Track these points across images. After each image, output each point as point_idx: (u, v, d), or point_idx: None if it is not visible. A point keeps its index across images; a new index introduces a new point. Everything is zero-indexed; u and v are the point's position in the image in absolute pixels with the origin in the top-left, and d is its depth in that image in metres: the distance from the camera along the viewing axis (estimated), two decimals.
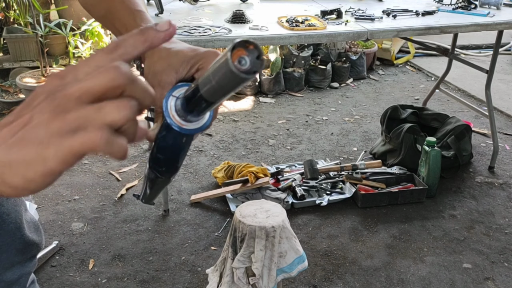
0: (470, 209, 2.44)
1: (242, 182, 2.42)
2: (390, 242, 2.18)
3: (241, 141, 3.11)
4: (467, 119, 3.25)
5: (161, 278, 1.93)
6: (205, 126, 0.51)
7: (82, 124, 0.34)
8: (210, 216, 2.32)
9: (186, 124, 0.49)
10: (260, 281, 1.51)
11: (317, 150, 3.01)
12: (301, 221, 2.30)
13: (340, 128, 3.33)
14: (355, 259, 2.07)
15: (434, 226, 2.30)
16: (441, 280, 1.96)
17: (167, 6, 2.40)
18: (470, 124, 2.94)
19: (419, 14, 2.47)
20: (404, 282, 1.95)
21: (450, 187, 2.63)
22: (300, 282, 1.92)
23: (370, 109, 3.68)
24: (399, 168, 2.64)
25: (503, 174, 2.78)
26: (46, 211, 2.27)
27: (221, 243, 2.12)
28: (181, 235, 2.19)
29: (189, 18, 2.28)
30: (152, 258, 2.04)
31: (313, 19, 2.32)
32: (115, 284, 1.90)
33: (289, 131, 3.27)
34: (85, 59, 0.37)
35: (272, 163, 2.81)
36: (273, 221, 1.53)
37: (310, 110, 3.65)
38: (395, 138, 2.72)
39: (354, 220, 2.32)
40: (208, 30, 2.10)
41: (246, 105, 3.71)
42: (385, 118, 2.86)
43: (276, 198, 2.35)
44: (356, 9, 2.51)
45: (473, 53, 4.85)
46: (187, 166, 2.77)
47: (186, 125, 0.49)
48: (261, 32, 2.14)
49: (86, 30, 3.75)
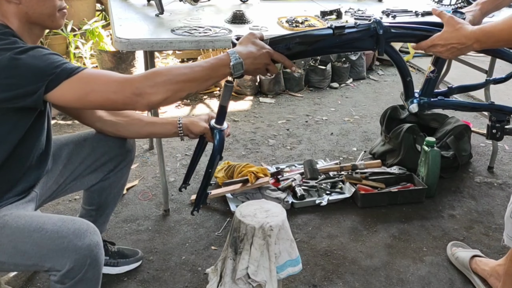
0: (470, 209, 2.45)
1: (242, 182, 2.43)
2: (390, 242, 2.19)
3: (241, 141, 3.12)
4: (467, 119, 3.25)
5: (162, 278, 1.94)
6: (226, 127, 1.58)
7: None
8: (210, 216, 2.32)
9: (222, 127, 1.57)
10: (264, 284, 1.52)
11: (317, 150, 3.02)
12: (301, 221, 2.31)
13: (339, 128, 3.34)
14: (354, 258, 2.07)
15: (433, 226, 2.30)
16: (440, 280, 1.97)
17: (167, 7, 2.41)
18: (469, 124, 2.95)
19: (419, 14, 2.48)
20: (403, 281, 1.95)
21: (449, 187, 2.63)
22: (300, 282, 1.92)
23: (369, 109, 3.69)
24: (398, 168, 2.65)
25: (502, 174, 2.78)
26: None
27: (221, 242, 2.13)
28: (182, 234, 2.20)
29: (189, 19, 2.29)
30: (153, 257, 2.05)
31: (313, 19, 2.32)
32: (115, 284, 1.90)
33: (289, 131, 3.27)
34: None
35: (272, 163, 2.81)
36: (271, 220, 1.53)
37: (310, 110, 3.65)
38: (394, 138, 2.73)
39: (354, 220, 2.33)
40: (208, 31, 2.11)
41: (246, 105, 3.72)
42: (385, 118, 2.87)
43: (276, 198, 2.36)
44: (356, 10, 2.52)
45: (472, 54, 4.85)
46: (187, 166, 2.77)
47: (222, 127, 1.57)
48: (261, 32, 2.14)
49: (86, 30, 3.75)
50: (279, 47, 1.42)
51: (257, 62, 1.34)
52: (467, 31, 1.45)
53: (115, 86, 1.25)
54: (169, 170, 2.72)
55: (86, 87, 1.26)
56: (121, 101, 1.26)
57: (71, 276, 1.28)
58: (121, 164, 1.76)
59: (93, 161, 1.69)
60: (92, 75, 1.28)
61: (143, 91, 1.24)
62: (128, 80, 1.27)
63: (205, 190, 1.67)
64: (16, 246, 1.29)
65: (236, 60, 1.30)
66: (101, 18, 3.97)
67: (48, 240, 1.27)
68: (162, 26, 2.16)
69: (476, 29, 1.45)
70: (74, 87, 1.25)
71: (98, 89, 1.26)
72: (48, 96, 1.25)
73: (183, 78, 1.27)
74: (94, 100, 1.27)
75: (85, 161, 1.68)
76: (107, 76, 1.28)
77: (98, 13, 4.30)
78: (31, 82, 1.23)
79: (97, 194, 1.78)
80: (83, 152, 1.67)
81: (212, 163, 1.60)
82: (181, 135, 1.67)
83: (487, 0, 1.73)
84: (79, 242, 1.27)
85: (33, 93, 1.23)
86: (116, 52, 3.56)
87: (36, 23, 1.38)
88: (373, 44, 1.53)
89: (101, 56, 3.64)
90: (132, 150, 1.78)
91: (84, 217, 1.84)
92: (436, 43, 1.50)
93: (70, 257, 1.26)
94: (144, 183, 2.60)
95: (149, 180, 2.63)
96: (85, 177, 1.70)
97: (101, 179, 1.74)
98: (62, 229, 1.28)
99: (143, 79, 1.26)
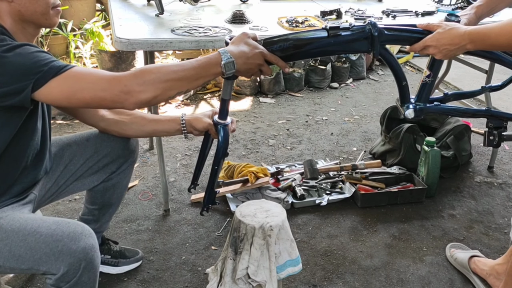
0: (470, 208, 2.45)
1: (242, 182, 2.43)
2: (390, 242, 2.19)
3: (241, 141, 3.12)
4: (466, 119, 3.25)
5: (162, 278, 1.94)
6: (229, 121, 1.62)
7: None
8: (211, 215, 2.32)
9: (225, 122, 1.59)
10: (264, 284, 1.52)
11: (317, 150, 3.02)
12: (301, 221, 2.31)
13: (339, 128, 3.34)
14: (354, 258, 2.07)
15: (433, 226, 2.30)
16: (440, 280, 1.97)
17: (167, 7, 2.41)
18: (469, 124, 2.95)
19: (419, 14, 2.48)
20: (403, 281, 1.95)
21: (449, 187, 2.63)
22: (300, 282, 1.92)
23: (369, 109, 3.69)
24: (398, 168, 2.65)
25: (502, 174, 2.79)
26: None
27: (221, 242, 2.13)
28: (182, 234, 2.20)
29: (189, 19, 2.29)
30: (153, 257, 2.05)
31: (313, 19, 2.32)
32: (115, 284, 1.90)
33: (289, 131, 3.27)
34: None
35: (272, 163, 2.81)
36: (271, 220, 1.53)
37: (310, 110, 3.65)
38: (394, 138, 2.73)
39: (354, 220, 2.33)
40: (208, 31, 2.11)
41: (246, 105, 3.72)
42: (385, 118, 2.87)
43: (276, 198, 2.36)
44: (356, 10, 2.52)
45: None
46: (188, 166, 2.78)
47: (225, 122, 1.59)
48: (261, 32, 2.14)
49: (86, 30, 3.75)
50: (273, 48, 1.40)
51: (249, 62, 1.33)
52: (460, 31, 1.45)
53: (103, 84, 1.24)
54: (169, 170, 2.72)
55: (74, 85, 1.24)
56: (110, 98, 1.24)
57: (66, 280, 1.27)
58: (124, 165, 1.75)
59: (96, 162, 1.68)
60: (80, 73, 1.27)
61: (131, 89, 1.23)
62: (116, 78, 1.25)
63: (212, 189, 1.64)
64: (11, 250, 1.27)
65: (228, 59, 1.28)
66: (101, 18, 3.97)
67: (43, 244, 1.26)
68: (162, 26, 2.16)
69: (471, 29, 1.45)
70: (61, 85, 1.24)
71: (86, 87, 1.24)
72: (35, 95, 1.24)
73: (172, 76, 1.26)
74: (82, 98, 1.25)
75: (87, 162, 1.67)
76: (95, 74, 1.27)
77: (98, 13, 4.30)
78: (18, 80, 1.22)
79: (100, 194, 1.78)
80: (86, 153, 1.67)
81: (218, 160, 1.58)
82: (185, 132, 1.65)
83: (482, 4, 1.73)
84: (74, 245, 1.26)
85: (20, 91, 1.22)
86: (116, 52, 3.56)
87: (29, 21, 1.36)
88: (368, 46, 1.52)
89: (101, 56, 3.64)
90: (135, 150, 1.78)
91: (87, 215, 1.83)
92: (428, 44, 1.51)
93: (65, 260, 1.25)
94: (144, 183, 2.60)
95: (149, 180, 2.63)
96: (87, 178, 1.70)
97: (103, 180, 1.73)
98: (56, 233, 1.27)
99: (131, 77, 1.24)
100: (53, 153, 1.61)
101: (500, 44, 1.41)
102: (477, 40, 1.43)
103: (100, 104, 1.30)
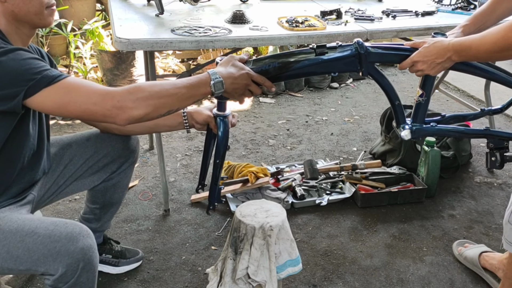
0: (470, 209, 2.45)
1: (242, 182, 2.43)
2: (390, 242, 2.19)
3: (241, 141, 3.12)
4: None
5: (162, 278, 1.94)
6: (228, 113, 1.57)
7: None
8: (211, 216, 2.32)
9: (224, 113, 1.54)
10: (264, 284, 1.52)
11: (317, 150, 3.02)
12: (301, 221, 2.31)
13: (340, 128, 3.34)
14: (354, 258, 2.07)
15: (433, 226, 2.30)
16: (440, 280, 1.97)
17: (167, 7, 2.41)
18: (469, 125, 2.95)
19: (419, 14, 2.48)
20: (403, 281, 1.95)
21: (449, 187, 2.63)
22: (300, 282, 1.93)
23: (369, 109, 3.69)
24: (398, 168, 2.65)
25: (502, 174, 2.79)
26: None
27: (221, 242, 2.13)
28: (182, 234, 2.20)
29: (189, 19, 2.29)
30: (153, 257, 2.05)
31: (313, 19, 2.33)
32: (115, 284, 1.90)
33: (289, 131, 3.27)
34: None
35: (272, 163, 2.81)
36: (271, 220, 1.54)
37: (310, 110, 3.65)
38: (394, 138, 2.73)
39: (354, 220, 2.33)
40: (208, 31, 2.11)
41: (246, 105, 3.72)
42: (385, 118, 2.87)
43: (276, 198, 2.36)
44: (356, 10, 2.52)
45: None
46: (188, 166, 2.78)
47: (224, 114, 1.55)
48: (261, 32, 2.15)
49: (86, 30, 3.76)
50: (261, 68, 1.44)
51: (236, 82, 1.36)
52: (444, 44, 1.48)
53: (96, 97, 1.24)
54: (169, 170, 2.72)
55: (66, 96, 1.24)
56: (101, 113, 1.25)
57: (64, 280, 1.27)
58: (124, 165, 1.75)
59: (96, 162, 1.68)
60: (74, 84, 1.26)
61: (124, 104, 1.23)
62: (109, 92, 1.25)
63: (216, 185, 1.62)
64: (9, 251, 1.27)
65: (217, 79, 1.32)
66: (101, 18, 3.98)
67: (40, 244, 1.26)
68: (162, 26, 2.16)
69: (455, 41, 1.48)
70: (54, 95, 1.24)
71: (78, 100, 1.24)
72: (27, 102, 1.24)
73: (164, 94, 1.28)
74: (73, 110, 1.26)
75: (88, 162, 1.67)
76: (88, 87, 1.27)
77: (98, 13, 4.30)
78: (9, 86, 1.21)
79: (100, 193, 1.78)
80: (86, 153, 1.67)
81: (219, 153, 1.58)
82: (187, 125, 1.64)
83: (469, 23, 1.74)
84: (72, 246, 1.25)
85: (12, 98, 1.22)
86: (116, 52, 3.56)
87: (23, 22, 1.36)
88: (356, 65, 1.53)
89: (101, 56, 3.64)
90: (135, 150, 1.78)
91: (88, 214, 1.84)
92: (415, 60, 1.52)
93: (63, 261, 1.25)
94: (144, 183, 2.60)
95: (149, 180, 2.63)
96: (87, 178, 1.70)
97: (104, 179, 1.74)
98: (54, 233, 1.27)
99: (125, 93, 1.25)
100: (53, 153, 1.61)
101: (481, 54, 1.44)
102: (461, 51, 1.45)
103: (91, 117, 1.30)
